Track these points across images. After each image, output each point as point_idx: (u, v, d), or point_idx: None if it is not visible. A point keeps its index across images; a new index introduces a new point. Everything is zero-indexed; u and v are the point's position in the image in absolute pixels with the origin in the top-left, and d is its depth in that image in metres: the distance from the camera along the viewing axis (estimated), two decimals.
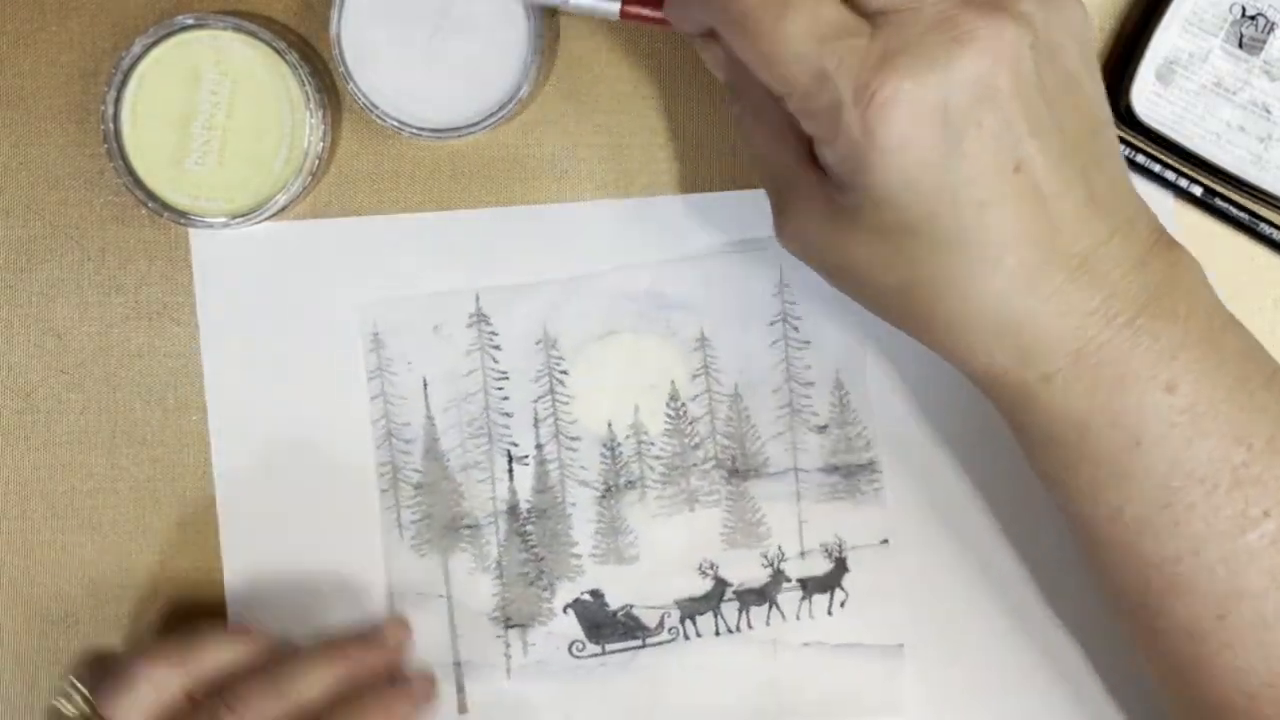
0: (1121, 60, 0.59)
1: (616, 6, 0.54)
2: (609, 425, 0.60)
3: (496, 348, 0.60)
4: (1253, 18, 0.57)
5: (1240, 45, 0.58)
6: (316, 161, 0.57)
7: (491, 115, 0.57)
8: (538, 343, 0.60)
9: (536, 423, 0.60)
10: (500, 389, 0.60)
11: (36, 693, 0.61)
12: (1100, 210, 0.47)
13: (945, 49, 0.44)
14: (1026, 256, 0.46)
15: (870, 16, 0.45)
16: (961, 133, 0.44)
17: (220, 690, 0.54)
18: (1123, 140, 0.59)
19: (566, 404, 0.60)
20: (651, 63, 0.60)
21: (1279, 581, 0.47)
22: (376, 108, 0.57)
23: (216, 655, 0.56)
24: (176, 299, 0.60)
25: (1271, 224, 0.59)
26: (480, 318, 0.60)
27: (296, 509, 0.60)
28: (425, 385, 0.60)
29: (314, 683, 0.56)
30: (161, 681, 0.54)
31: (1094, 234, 0.47)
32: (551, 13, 0.57)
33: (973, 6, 0.45)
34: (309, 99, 0.57)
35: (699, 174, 0.60)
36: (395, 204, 0.60)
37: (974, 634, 0.61)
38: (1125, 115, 0.58)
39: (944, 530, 0.61)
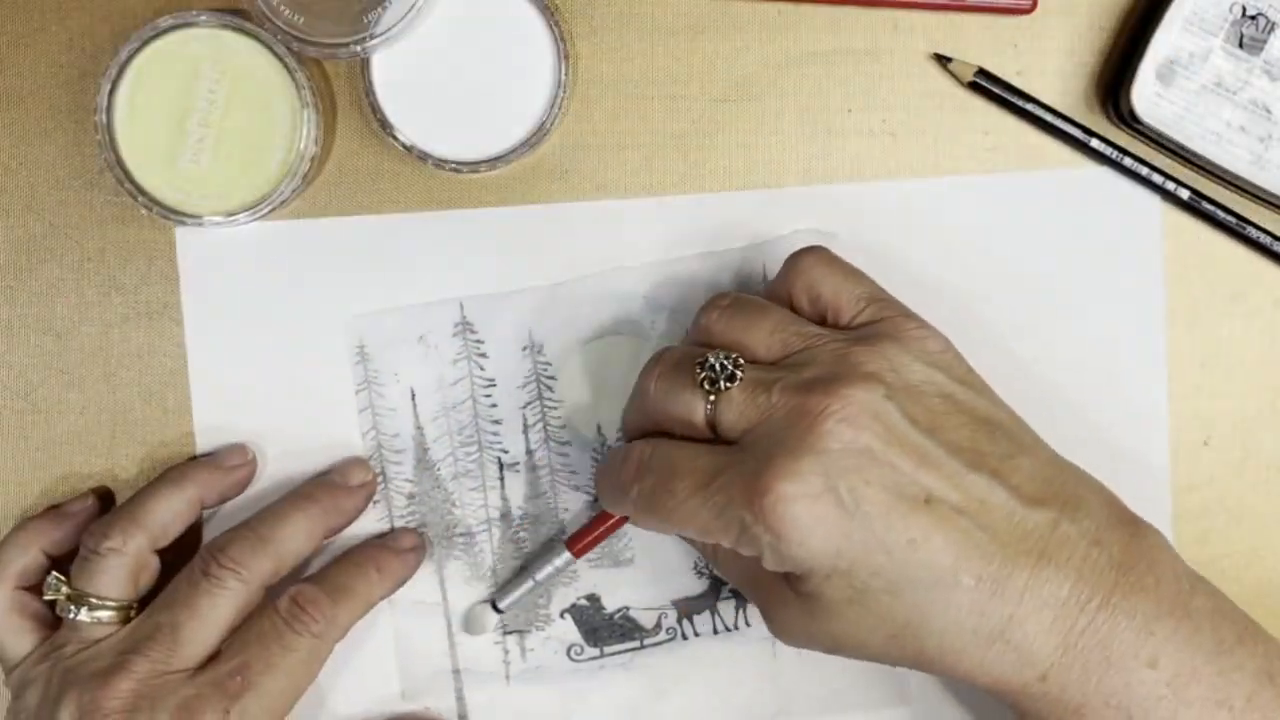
0: (1122, 60, 0.59)
1: (568, 555, 0.59)
2: (599, 429, 0.60)
3: (483, 355, 0.60)
4: (1253, 18, 0.57)
5: (1240, 45, 0.57)
6: (311, 162, 0.57)
7: (523, 143, 0.58)
8: (524, 349, 0.60)
9: (526, 429, 0.60)
10: (488, 396, 0.60)
11: None
12: (1033, 502, 0.49)
13: (804, 438, 0.48)
14: (980, 569, 0.48)
15: (736, 440, 0.51)
16: (856, 495, 0.48)
17: (211, 549, 0.56)
18: (1108, 143, 0.59)
19: (555, 409, 0.60)
20: (652, 62, 0.60)
21: None
22: (415, 148, 0.58)
23: (168, 509, 0.57)
24: (176, 299, 0.60)
25: (1259, 228, 0.59)
26: (465, 326, 0.60)
27: None
28: (413, 396, 0.60)
29: (296, 533, 0.57)
30: (126, 548, 0.56)
31: (1037, 526, 0.49)
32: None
33: (817, 389, 0.49)
34: (305, 99, 0.57)
35: (699, 174, 0.60)
36: (393, 204, 0.60)
37: None
38: (1126, 115, 0.58)
39: None
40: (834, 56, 0.60)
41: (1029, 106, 0.59)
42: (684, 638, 0.61)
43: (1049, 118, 0.59)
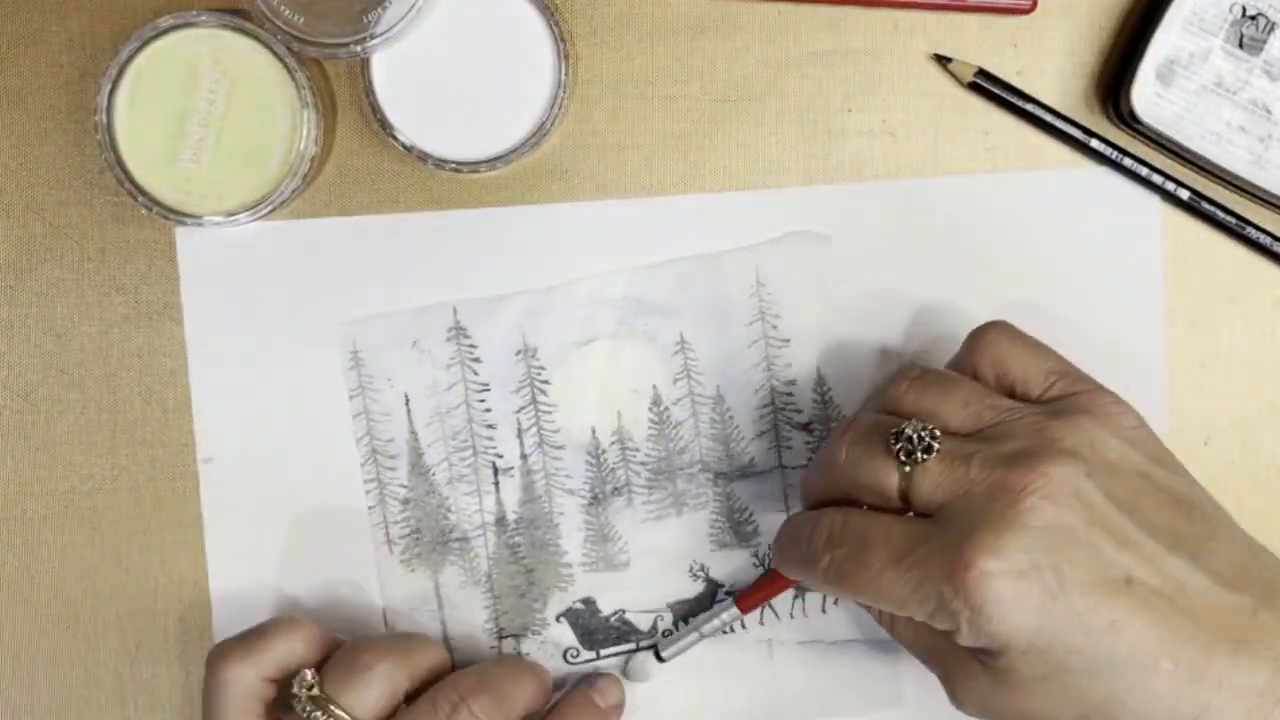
0: (1122, 60, 0.59)
1: (735, 610, 0.58)
2: (593, 432, 0.60)
3: (476, 360, 0.60)
4: (1253, 18, 0.57)
5: (1240, 45, 0.57)
6: (311, 162, 0.57)
7: (523, 143, 0.58)
8: (518, 353, 0.60)
9: (520, 433, 0.60)
10: (482, 401, 0.60)
11: (36, 693, 0.61)
12: (1232, 586, 0.49)
13: (1005, 514, 0.48)
14: (1180, 654, 0.47)
15: (932, 513, 0.50)
16: (1060, 574, 0.47)
17: (459, 693, 0.54)
18: (1108, 143, 0.59)
19: (549, 413, 0.60)
20: (652, 62, 0.60)
21: None
22: (415, 148, 0.58)
23: (428, 657, 0.56)
24: (176, 299, 0.60)
25: (1259, 228, 0.59)
26: (459, 330, 0.60)
27: (282, 528, 0.60)
28: (407, 401, 0.60)
29: (528, 695, 0.56)
30: (390, 675, 0.54)
31: (1238, 612, 0.48)
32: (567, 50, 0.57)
33: (1019, 464, 0.48)
34: (305, 99, 0.57)
35: (699, 174, 0.60)
36: (393, 204, 0.60)
37: None
38: (1126, 115, 0.58)
39: None
40: (834, 56, 0.60)
41: (1029, 106, 0.59)
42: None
43: (1049, 118, 0.59)
